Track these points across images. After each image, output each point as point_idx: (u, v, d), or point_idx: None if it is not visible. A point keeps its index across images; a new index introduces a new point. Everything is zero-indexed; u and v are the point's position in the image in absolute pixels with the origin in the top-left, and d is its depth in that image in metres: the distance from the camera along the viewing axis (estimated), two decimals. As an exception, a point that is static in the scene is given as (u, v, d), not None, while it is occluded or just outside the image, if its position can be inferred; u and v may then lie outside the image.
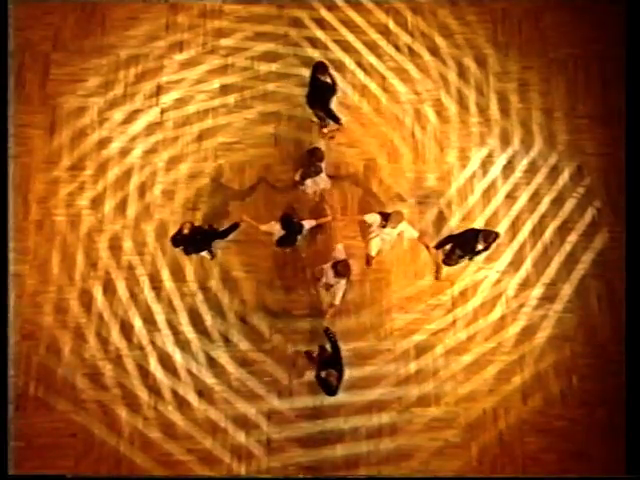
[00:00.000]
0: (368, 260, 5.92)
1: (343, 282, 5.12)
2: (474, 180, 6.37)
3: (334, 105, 5.85)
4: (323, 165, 5.50)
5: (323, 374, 4.70)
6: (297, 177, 5.60)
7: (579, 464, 5.59)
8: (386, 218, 5.17)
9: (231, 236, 5.54)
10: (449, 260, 5.58)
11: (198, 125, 6.47)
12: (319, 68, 5.47)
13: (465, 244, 5.28)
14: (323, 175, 5.65)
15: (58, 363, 5.75)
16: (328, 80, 5.58)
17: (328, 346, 5.04)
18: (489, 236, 5.09)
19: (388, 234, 5.38)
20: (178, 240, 5.26)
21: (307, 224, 5.33)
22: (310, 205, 6.20)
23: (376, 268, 6.01)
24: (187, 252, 5.50)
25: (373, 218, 5.28)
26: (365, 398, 5.69)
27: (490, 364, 5.83)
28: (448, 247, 5.53)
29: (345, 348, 5.77)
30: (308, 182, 5.61)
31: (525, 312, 5.99)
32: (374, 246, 5.63)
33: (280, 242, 5.28)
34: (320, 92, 5.62)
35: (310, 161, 5.38)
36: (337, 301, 5.18)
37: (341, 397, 5.68)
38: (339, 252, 5.32)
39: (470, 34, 6.84)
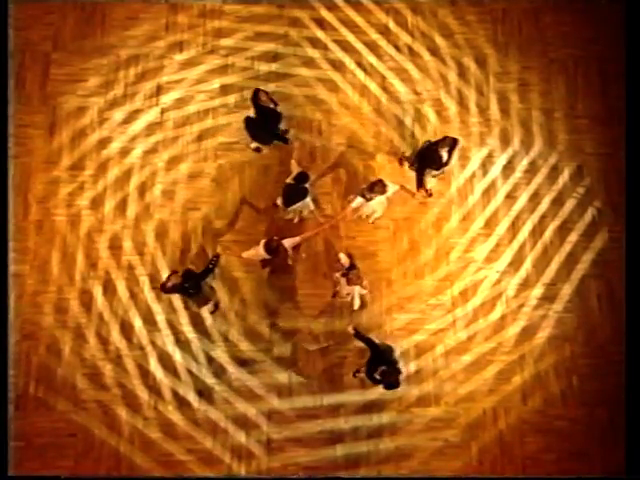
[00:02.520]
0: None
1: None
2: (474, 180, 6.37)
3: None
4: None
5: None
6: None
7: (579, 464, 5.59)
8: (370, 189, 5.33)
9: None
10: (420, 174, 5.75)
11: (198, 125, 6.47)
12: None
13: (431, 160, 5.55)
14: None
15: (58, 363, 5.74)
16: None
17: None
18: (444, 141, 5.41)
19: (379, 203, 5.59)
20: (169, 289, 5.01)
21: (288, 243, 5.38)
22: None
23: (376, 268, 6.01)
24: (188, 295, 5.28)
25: (358, 201, 5.46)
26: (365, 398, 5.69)
27: (490, 364, 5.83)
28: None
29: (345, 348, 5.80)
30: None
31: (525, 312, 5.99)
32: (378, 209, 5.83)
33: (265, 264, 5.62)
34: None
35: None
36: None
37: (342, 397, 5.69)
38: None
39: (470, 34, 6.84)
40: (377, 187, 5.31)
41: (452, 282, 6.04)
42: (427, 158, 5.64)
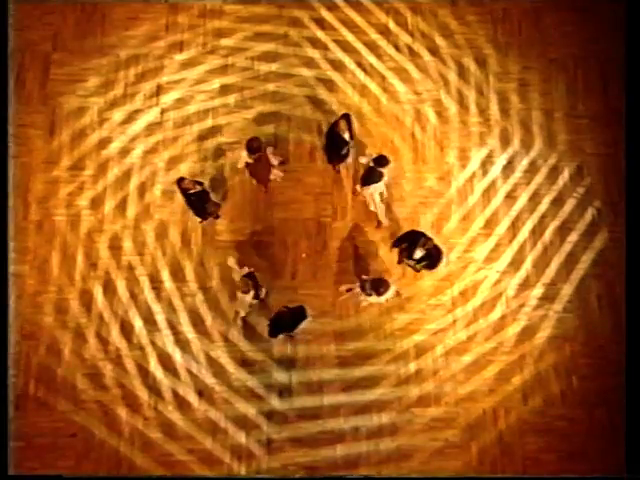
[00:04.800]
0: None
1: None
2: (474, 180, 6.37)
3: None
4: None
5: None
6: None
7: (579, 464, 5.59)
8: (375, 286, 5.03)
9: None
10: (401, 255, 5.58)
11: (198, 125, 6.47)
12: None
13: (412, 243, 5.26)
14: None
15: (58, 363, 5.74)
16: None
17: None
18: (426, 241, 5.10)
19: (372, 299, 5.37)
20: (180, 187, 5.34)
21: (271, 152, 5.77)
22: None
23: (376, 269, 6.01)
24: (189, 202, 5.53)
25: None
26: (365, 398, 5.69)
27: (490, 364, 5.83)
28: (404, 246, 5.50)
29: (345, 348, 5.80)
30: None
31: (525, 312, 5.98)
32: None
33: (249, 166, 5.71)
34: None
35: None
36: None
37: (341, 397, 5.69)
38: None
39: (470, 34, 6.84)
40: (382, 287, 4.96)
41: (452, 282, 6.04)
42: (407, 240, 5.40)
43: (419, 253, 5.22)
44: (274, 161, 5.90)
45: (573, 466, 5.58)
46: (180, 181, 5.31)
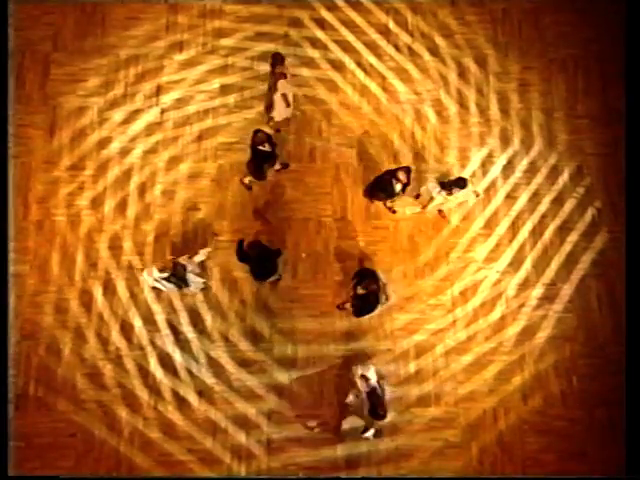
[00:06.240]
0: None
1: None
2: (474, 180, 6.36)
3: None
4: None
5: None
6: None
7: (579, 464, 5.59)
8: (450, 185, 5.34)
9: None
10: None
11: (198, 125, 6.47)
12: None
13: (362, 279, 5.16)
14: None
15: (58, 363, 5.74)
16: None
17: None
18: (369, 284, 4.97)
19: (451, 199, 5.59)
20: (244, 256, 5.27)
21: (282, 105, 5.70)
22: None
23: (376, 268, 5.99)
24: (257, 277, 5.44)
25: (432, 186, 5.48)
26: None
27: (490, 364, 5.83)
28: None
29: (345, 348, 5.80)
30: None
31: (525, 312, 5.99)
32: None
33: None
34: None
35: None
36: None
37: (342, 397, 5.68)
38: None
39: (470, 34, 6.84)
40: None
41: (452, 282, 6.04)
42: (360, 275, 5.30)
43: (360, 290, 5.05)
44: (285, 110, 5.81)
45: (573, 466, 5.59)
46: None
